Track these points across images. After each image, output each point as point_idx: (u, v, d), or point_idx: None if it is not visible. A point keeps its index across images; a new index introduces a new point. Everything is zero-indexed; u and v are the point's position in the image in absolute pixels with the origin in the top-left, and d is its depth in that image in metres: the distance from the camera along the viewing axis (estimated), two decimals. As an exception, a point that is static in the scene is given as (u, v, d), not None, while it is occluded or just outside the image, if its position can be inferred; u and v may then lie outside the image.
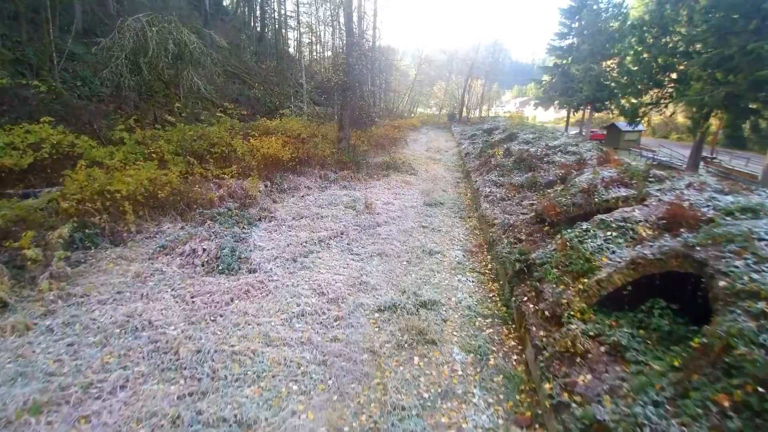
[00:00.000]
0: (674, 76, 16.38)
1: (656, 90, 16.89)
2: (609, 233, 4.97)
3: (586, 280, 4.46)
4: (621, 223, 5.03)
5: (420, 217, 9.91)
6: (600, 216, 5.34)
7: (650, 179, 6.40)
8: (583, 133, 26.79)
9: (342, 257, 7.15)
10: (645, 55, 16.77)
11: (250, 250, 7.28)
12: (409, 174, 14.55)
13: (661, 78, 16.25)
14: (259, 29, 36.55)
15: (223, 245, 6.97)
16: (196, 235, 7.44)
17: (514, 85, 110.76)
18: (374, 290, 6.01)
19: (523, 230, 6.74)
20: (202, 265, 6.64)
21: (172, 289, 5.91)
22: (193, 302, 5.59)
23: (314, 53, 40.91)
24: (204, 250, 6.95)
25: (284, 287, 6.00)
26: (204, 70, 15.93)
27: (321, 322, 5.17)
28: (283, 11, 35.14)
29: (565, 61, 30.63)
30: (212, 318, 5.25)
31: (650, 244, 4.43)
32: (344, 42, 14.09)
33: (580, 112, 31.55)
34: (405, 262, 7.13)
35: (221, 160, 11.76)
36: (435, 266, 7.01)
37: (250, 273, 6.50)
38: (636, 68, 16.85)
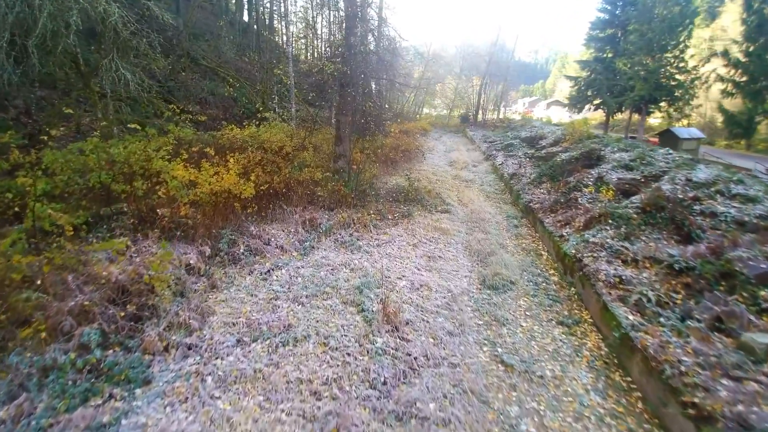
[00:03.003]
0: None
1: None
2: None
3: None
4: None
5: (486, 327, 5.18)
6: None
7: None
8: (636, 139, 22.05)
9: None
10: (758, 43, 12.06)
11: None
12: (439, 211, 9.81)
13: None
14: (246, 19, 31.86)
15: None
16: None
17: (521, 85, 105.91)
18: None
19: None
20: None
21: None
22: None
23: (310, 47, 36.12)
24: None
25: None
26: (141, 59, 11.23)
27: None
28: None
29: (605, 55, 25.91)
30: None
31: None
32: (342, 17, 9.36)
33: (618, 114, 26.83)
34: None
35: (136, 204, 7.04)
36: None
37: None
38: (747, 60, 12.17)
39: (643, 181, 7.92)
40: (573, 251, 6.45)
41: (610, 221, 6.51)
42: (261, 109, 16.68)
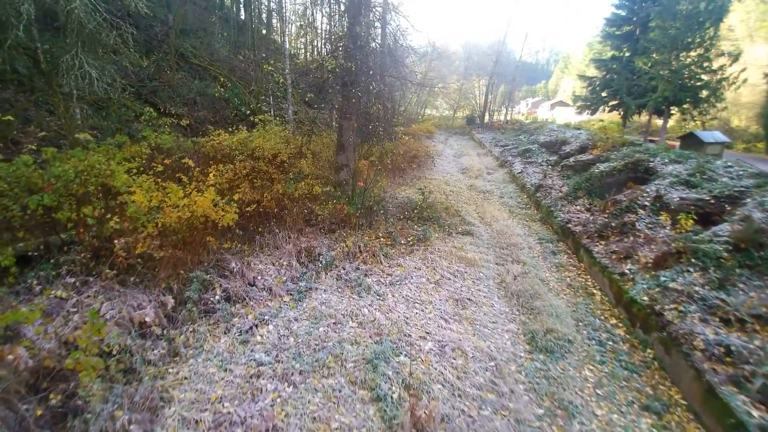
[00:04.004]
0: None
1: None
2: None
3: None
4: None
5: (550, 422, 3.72)
6: None
7: None
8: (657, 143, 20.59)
9: None
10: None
11: None
12: (460, 232, 8.35)
13: None
14: (243, 17, 30.44)
15: None
16: None
17: (523, 85, 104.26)
18: None
19: None
20: None
21: None
22: None
23: (309, 46, 34.65)
24: None
25: None
26: (116, 55, 9.80)
27: None
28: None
29: (622, 53, 24.46)
30: None
31: None
32: (345, 3, 7.92)
33: (635, 116, 25.38)
34: None
35: (87, 234, 5.59)
36: None
37: None
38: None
39: (713, 203, 6.48)
40: (645, 299, 5.00)
41: (692, 260, 5.07)
42: (255, 110, 15.24)
